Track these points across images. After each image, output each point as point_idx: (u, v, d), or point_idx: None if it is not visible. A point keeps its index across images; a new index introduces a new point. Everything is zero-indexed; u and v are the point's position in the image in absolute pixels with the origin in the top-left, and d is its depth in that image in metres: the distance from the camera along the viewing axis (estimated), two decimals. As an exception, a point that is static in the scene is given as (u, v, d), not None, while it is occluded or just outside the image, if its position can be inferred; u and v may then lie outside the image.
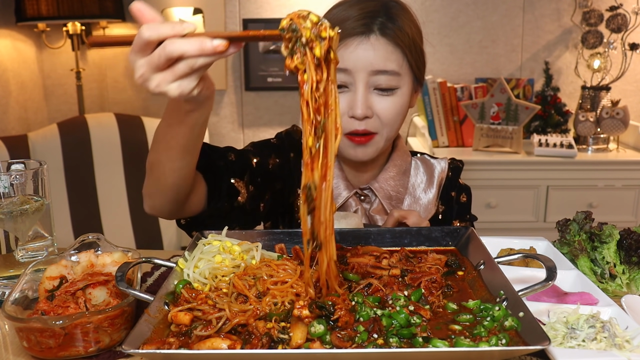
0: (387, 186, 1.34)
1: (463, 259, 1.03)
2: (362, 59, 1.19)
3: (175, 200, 1.10)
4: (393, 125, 1.25)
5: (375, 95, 1.22)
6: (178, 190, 1.09)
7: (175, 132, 0.98)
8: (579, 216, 1.20)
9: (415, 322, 0.82)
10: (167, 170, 1.05)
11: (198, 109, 0.93)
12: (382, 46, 1.19)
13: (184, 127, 0.96)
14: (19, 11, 2.80)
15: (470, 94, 3.05)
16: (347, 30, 1.20)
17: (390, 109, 1.23)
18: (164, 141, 1.02)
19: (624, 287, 1.09)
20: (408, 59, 1.22)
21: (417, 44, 1.24)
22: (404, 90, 1.24)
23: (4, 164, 1.14)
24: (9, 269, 1.12)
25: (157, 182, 1.09)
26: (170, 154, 1.02)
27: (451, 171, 1.41)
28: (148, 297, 0.85)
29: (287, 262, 0.92)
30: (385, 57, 1.19)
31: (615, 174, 2.79)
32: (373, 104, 1.22)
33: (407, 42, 1.21)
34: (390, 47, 1.20)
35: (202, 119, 0.96)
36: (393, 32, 1.20)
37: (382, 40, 1.20)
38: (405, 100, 1.25)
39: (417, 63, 1.26)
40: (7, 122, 2.92)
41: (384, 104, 1.22)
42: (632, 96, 3.22)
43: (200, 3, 3.11)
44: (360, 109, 1.19)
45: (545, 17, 3.14)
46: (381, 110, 1.22)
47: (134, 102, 3.28)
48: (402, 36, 1.20)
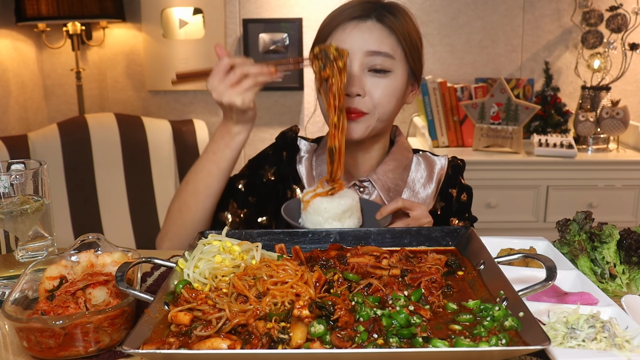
0: (385, 178, 1.37)
1: (463, 259, 1.03)
2: (358, 40, 1.26)
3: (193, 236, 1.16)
4: (385, 107, 1.29)
5: (369, 77, 1.27)
6: (202, 225, 1.29)
7: (219, 157, 1.24)
8: (579, 216, 1.20)
9: (415, 322, 0.82)
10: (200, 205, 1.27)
11: (244, 131, 1.23)
12: (377, 30, 1.27)
13: (229, 150, 1.24)
14: (19, 11, 2.80)
15: (470, 94, 3.05)
16: (347, 15, 1.28)
17: (382, 89, 1.27)
18: (205, 170, 1.25)
19: (624, 287, 1.09)
20: (402, 47, 1.29)
21: (413, 38, 1.31)
22: (398, 75, 1.29)
23: (4, 164, 1.14)
24: (9, 269, 1.12)
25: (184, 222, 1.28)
26: (209, 182, 1.25)
27: (451, 169, 1.43)
28: (148, 297, 0.85)
29: (287, 262, 0.92)
30: (379, 40, 1.26)
31: (615, 174, 2.79)
32: (366, 84, 1.27)
33: (402, 32, 1.28)
34: (385, 32, 1.27)
35: (244, 142, 1.24)
36: (389, 20, 1.28)
37: (377, 25, 1.27)
38: (398, 85, 1.29)
39: (413, 55, 1.31)
40: (7, 122, 2.92)
41: (376, 85, 1.27)
42: (632, 96, 3.22)
43: (200, 3, 3.11)
44: (353, 86, 1.25)
45: (545, 17, 3.14)
46: (374, 90, 1.27)
47: (134, 102, 3.28)
48: (397, 25, 1.28)
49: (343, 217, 1.18)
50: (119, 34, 3.19)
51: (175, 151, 2.95)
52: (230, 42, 3.19)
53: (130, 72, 3.24)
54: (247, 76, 1.15)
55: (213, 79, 1.15)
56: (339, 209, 1.18)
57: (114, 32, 3.18)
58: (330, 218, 1.17)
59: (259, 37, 3.13)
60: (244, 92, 1.15)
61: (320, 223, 1.17)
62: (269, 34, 3.13)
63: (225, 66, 1.15)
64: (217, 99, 1.16)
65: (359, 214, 1.22)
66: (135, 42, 3.19)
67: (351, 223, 1.19)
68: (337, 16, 1.30)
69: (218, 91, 1.14)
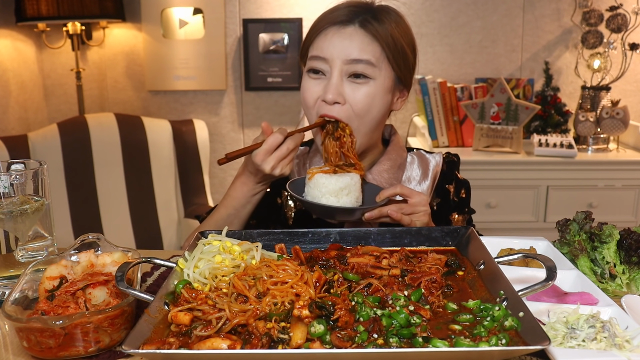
0: (380, 178, 1.36)
1: (463, 259, 1.03)
2: (338, 47, 1.23)
3: None
4: (364, 117, 1.26)
5: (349, 83, 1.25)
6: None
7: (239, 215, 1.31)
8: (579, 216, 1.20)
9: (415, 322, 0.82)
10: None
11: (264, 190, 1.30)
12: (359, 37, 1.23)
13: (250, 206, 1.31)
14: (19, 11, 2.80)
15: (470, 94, 3.05)
16: (330, 19, 1.25)
17: (362, 97, 1.24)
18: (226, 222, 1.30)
19: (624, 287, 1.09)
20: (386, 53, 1.25)
21: (399, 43, 1.26)
22: (380, 82, 1.25)
23: (4, 164, 1.14)
24: (9, 269, 1.12)
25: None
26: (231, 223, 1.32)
27: (446, 165, 1.43)
28: (148, 297, 0.85)
29: (287, 262, 0.92)
30: (360, 47, 1.23)
31: (615, 174, 2.79)
32: (345, 91, 1.25)
33: (385, 38, 1.24)
34: (367, 39, 1.23)
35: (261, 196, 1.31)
36: (373, 27, 1.24)
37: (360, 31, 1.24)
38: (380, 93, 1.26)
39: (399, 61, 1.27)
40: (7, 122, 2.92)
41: (355, 93, 1.24)
42: (632, 96, 3.22)
43: (200, 3, 3.11)
44: (330, 94, 1.23)
45: (545, 17, 3.14)
46: (353, 98, 1.24)
47: (134, 102, 3.28)
48: (381, 31, 1.24)
49: (340, 194, 1.21)
50: (119, 34, 3.19)
51: (175, 151, 2.95)
52: (230, 42, 3.19)
53: (130, 72, 3.24)
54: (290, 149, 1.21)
55: (265, 155, 1.19)
56: (336, 185, 1.21)
57: (114, 32, 3.18)
58: (327, 193, 1.21)
59: (259, 37, 3.13)
60: (290, 163, 1.23)
61: (318, 197, 1.21)
62: (269, 34, 3.13)
63: (278, 142, 1.19)
64: (269, 172, 1.20)
65: (357, 194, 1.24)
66: (135, 42, 3.19)
67: (347, 200, 1.22)
68: (321, 20, 1.28)
69: (271, 165, 1.19)
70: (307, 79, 1.29)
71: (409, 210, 1.20)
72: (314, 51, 1.27)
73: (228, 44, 3.19)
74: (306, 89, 1.29)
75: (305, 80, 1.30)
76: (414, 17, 3.06)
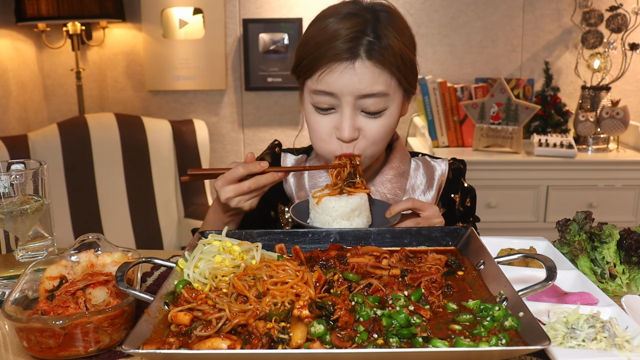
0: (383, 189, 1.33)
1: (463, 259, 1.03)
2: (348, 85, 1.16)
3: None
4: (379, 144, 1.23)
5: (362, 117, 1.20)
6: None
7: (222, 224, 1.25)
8: (579, 216, 1.20)
9: (415, 322, 0.82)
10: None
11: (236, 220, 1.27)
12: (368, 70, 1.15)
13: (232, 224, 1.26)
14: (19, 11, 2.80)
15: (470, 94, 3.05)
16: (334, 52, 1.16)
17: (377, 130, 1.20)
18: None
19: (624, 287, 1.09)
20: (397, 77, 1.18)
21: (406, 58, 1.19)
22: (393, 110, 1.21)
23: (4, 164, 1.14)
24: (9, 269, 1.12)
25: None
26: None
27: (452, 173, 1.40)
28: (148, 297, 0.85)
29: (287, 263, 0.92)
30: (371, 81, 1.16)
31: (615, 174, 2.79)
32: (360, 125, 1.20)
33: (394, 61, 1.17)
34: (377, 70, 1.16)
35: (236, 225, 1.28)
36: (379, 54, 1.15)
37: (368, 63, 1.15)
38: (393, 120, 1.23)
39: (407, 77, 1.21)
40: (7, 122, 2.92)
41: (371, 126, 1.20)
42: (632, 96, 3.22)
43: (200, 3, 3.11)
44: (347, 132, 1.18)
45: (545, 17, 3.14)
46: (368, 131, 1.20)
47: (134, 102, 3.28)
48: (389, 56, 1.16)
49: (352, 215, 1.16)
50: (119, 34, 3.19)
51: (175, 151, 2.95)
52: (230, 42, 3.19)
53: (130, 72, 3.24)
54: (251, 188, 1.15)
55: (224, 182, 1.15)
56: (347, 207, 1.15)
57: (114, 32, 3.18)
58: (338, 217, 1.15)
59: (259, 37, 3.13)
60: (251, 199, 1.17)
61: (329, 222, 1.15)
62: (269, 34, 3.13)
63: (240, 176, 1.14)
64: (224, 201, 1.16)
65: (367, 213, 1.20)
66: (135, 42, 3.19)
67: (360, 222, 1.17)
68: (322, 51, 1.17)
69: (227, 196, 1.15)
70: (315, 114, 1.22)
71: (426, 225, 1.16)
72: (321, 86, 1.18)
73: (228, 44, 3.19)
74: (318, 125, 1.22)
75: (313, 115, 1.23)
76: (414, 17, 3.05)
